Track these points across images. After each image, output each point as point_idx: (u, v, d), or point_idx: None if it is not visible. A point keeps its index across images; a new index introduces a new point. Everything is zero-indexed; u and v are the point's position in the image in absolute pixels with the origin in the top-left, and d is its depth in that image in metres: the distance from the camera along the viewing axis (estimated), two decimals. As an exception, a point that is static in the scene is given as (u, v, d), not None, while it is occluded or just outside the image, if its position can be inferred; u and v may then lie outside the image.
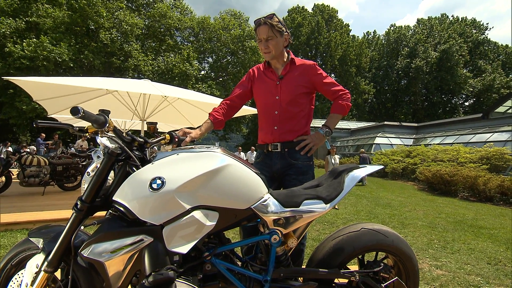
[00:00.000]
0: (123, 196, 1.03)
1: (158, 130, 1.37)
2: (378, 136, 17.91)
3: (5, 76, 4.18)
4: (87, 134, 1.08)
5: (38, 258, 1.17)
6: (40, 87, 4.67)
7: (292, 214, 1.21)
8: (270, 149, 1.72)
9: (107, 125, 1.02)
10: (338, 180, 1.34)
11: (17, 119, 17.17)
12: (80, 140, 10.15)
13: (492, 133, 12.25)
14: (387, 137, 17.90)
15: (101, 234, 1.01)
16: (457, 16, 37.82)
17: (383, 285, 1.32)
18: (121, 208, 1.02)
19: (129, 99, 5.55)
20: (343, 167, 1.42)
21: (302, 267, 1.49)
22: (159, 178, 1.02)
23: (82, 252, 1.01)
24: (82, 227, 1.15)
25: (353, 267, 1.46)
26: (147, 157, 1.20)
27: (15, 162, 5.62)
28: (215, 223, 1.09)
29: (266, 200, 1.20)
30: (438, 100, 34.20)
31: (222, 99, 1.90)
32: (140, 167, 1.10)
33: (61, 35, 18.24)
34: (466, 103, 36.06)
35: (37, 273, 1.14)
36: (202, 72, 30.07)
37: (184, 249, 1.01)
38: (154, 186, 1.01)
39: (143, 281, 0.94)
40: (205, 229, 1.06)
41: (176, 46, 27.16)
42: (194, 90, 16.89)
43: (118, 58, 21.95)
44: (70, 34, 19.07)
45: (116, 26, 21.42)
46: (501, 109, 15.11)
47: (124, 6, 22.44)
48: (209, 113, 1.71)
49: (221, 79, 30.10)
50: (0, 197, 5.24)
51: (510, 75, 34.20)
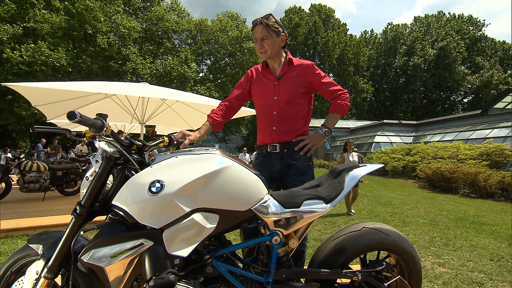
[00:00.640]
0: (122, 200, 1.02)
1: (157, 133, 1.37)
2: (378, 135, 17.91)
3: (3, 82, 4.17)
4: (85, 139, 1.07)
5: (38, 265, 1.16)
6: (39, 93, 4.66)
7: (293, 215, 1.20)
8: (269, 150, 1.71)
9: (105, 129, 1.01)
10: (338, 180, 1.33)
11: (16, 125, 17.17)
12: (80, 145, 10.14)
13: (492, 129, 12.25)
14: (387, 136, 17.90)
15: (101, 239, 1.00)
16: (454, 13, 37.92)
17: (386, 284, 1.31)
18: (121, 212, 1.01)
19: (128, 103, 5.54)
20: (343, 167, 1.41)
21: (304, 268, 1.48)
22: (158, 181, 1.02)
23: (82, 258, 1.00)
24: (82, 232, 1.14)
25: (355, 267, 1.45)
26: (146, 161, 1.20)
27: (15, 168, 5.61)
28: (216, 226, 1.08)
29: (266, 201, 1.19)
30: (437, 98, 34.25)
31: (221, 101, 1.89)
32: (139, 171, 1.09)
33: (59, 40, 18.25)
34: (465, 100, 36.13)
35: (37, 280, 1.13)
36: (201, 74, 30.10)
37: (185, 253, 1.01)
38: (153, 190, 1.00)
39: (144, 286, 0.93)
40: (206, 232, 1.05)
41: (174, 49, 27.20)
42: (193, 93, 16.90)
43: (116, 62, 21.97)
44: (68, 39, 19.09)
45: (114, 30, 21.44)
46: (500, 105, 15.13)
47: (121, 10, 22.45)
48: (208, 115, 1.71)
49: (220, 81, 30.14)
50: (0, 203, 5.22)
51: (508, 71, 34.29)
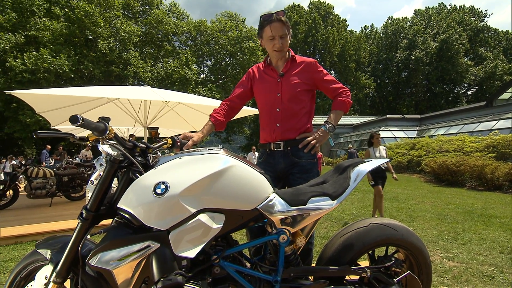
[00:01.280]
0: (128, 203, 1.02)
1: (161, 136, 1.36)
2: (381, 130, 17.79)
3: (7, 91, 4.21)
4: (88, 142, 1.07)
5: (47, 270, 1.17)
6: (42, 99, 4.71)
7: (299, 213, 1.19)
8: (273, 148, 1.70)
9: (108, 132, 1.01)
10: (344, 176, 1.32)
11: (22, 133, 17.34)
12: (85, 150, 10.22)
13: (497, 121, 12.11)
14: (390, 131, 17.79)
15: (108, 242, 1.00)
16: (455, 5, 37.47)
17: (396, 280, 1.30)
18: (126, 215, 1.01)
19: (131, 107, 5.57)
20: (348, 162, 1.40)
21: (312, 266, 1.47)
22: (163, 183, 1.01)
23: (90, 261, 1.00)
24: (89, 236, 1.15)
25: (364, 263, 1.44)
26: (150, 163, 1.20)
27: (22, 175, 5.67)
28: (222, 226, 1.07)
29: (272, 200, 1.18)
30: (440, 91, 33.92)
31: (222, 100, 1.89)
32: (143, 173, 1.09)
33: (60, 47, 18.39)
34: (469, 92, 35.73)
35: (46, 285, 1.13)
36: (202, 76, 30.14)
37: (192, 254, 1.00)
38: (158, 191, 1.00)
39: (152, 288, 0.93)
40: (212, 232, 1.05)
41: (175, 51, 27.25)
42: (195, 94, 16.95)
43: (118, 67, 22.08)
44: (69, 45, 19.23)
45: (114, 35, 21.55)
46: (505, 96, 14.93)
47: (121, 15, 22.55)
48: (210, 115, 1.71)
49: (221, 82, 30.13)
50: (9, 210, 5.29)
51: (512, 61, 33.82)
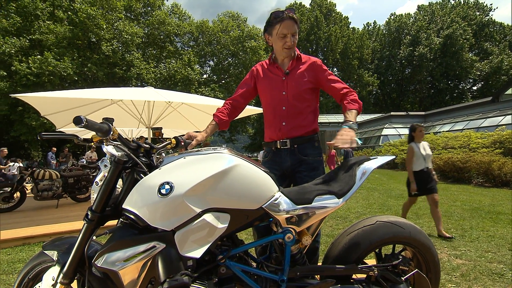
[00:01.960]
0: (133, 204, 1.02)
1: (165, 137, 1.36)
2: (386, 127, 17.67)
3: (13, 94, 4.26)
4: (92, 144, 1.07)
5: (54, 270, 1.18)
6: (47, 102, 4.75)
7: (305, 211, 1.19)
8: (279, 146, 1.69)
9: (111, 133, 1.01)
10: (350, 174, 1.31)
11: (28, 135, 17.56)
12: (89, 152, 10.30)
13: (504, 116, 11.93)
14: (395, 128, 17.65)
15: (113, 243, 1.00)
16: None
17: (403, 278, 1.28)
18: (131, 216, 1.01)
19: (134, 108, 5.59)
20: (354, 160, 1.39)
21: (318, 265, 1.46)
22: (168, 183, 1.01)
23: (96, 262, 1.01)
24: (95, 237, 1.15)
25: (371, 262, 1.42)
26: (154, 163, 1.20)
27: (29, 177, 5.74)
28: (227, 225, 1.07)
29: (278, 199, 1.18)
30: (445, 87, 33.56)
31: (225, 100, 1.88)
32: (148, 173, 1.09)
33: (64, 50, 18.57)
34: (474, 88, 35.29)
35: (54, 285, 1.14)
36: (204, 76, 30.21)
37: (198, 254, 1.00)
38: (163, 192, 0.99)
39: (158, 288, 0.93)
40: (217, 232, 1.05)
41: (177, 52, 27.35)
42: (198, 94, 16.98)
43: (121, 68, 22.22)
44: (73, 48, 19.41)
45: (117, 37, 21.68)
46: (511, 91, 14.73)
47: (123, 17, 22.68)
48: (214, 114, 1.71)
49: (224, 81, 30.17)
50: (17, 212, 5.35)
51: (518, 56, 33.32)
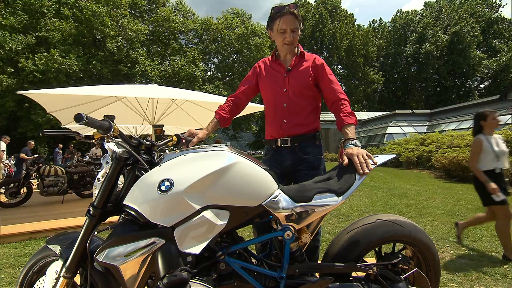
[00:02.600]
0: (133, 200, 1.03)
1: (168, 133, 1.38)
2: (390, 126, 17.52)
3: (19, 91, 4.31)
4: (94, 140, 1.09)
5: (57, 265, 1.20)
6: (53, 99, 4.80)
7: (304, 209, 1.19)
8: (280, 144, 1.68)
9: (112, 130, 1.02)
10: (350, 172, 1.31)
11: (34, 132, 17.77)
12: (94, 148, 10.39)
13: None
14: (400, 126, 17.49)
15: (114, 239, 1.02)
16: (467, -4, 36.41)
17: (403, 277, 1.28)
18: (132, 212, 1.03)
19: (138, 105, 5.63)
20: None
21: (318, 262, 1.46)
22: (167, 180, 1.02)
23: (97, 257, 1.02)
24: (96, 233, 1.17)
25: (371, 260, 1.42)
26: (155, 160, 1.21)
27: (35, 173, 5.83)
28: (226, 222, 1.08)
29: (277, 196, 1.18)
30: (451, 85, 33.13)
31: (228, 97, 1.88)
32: (149, 170, 1.10)
33: (69, 47, 18.72)
34: (482, 86, 34.78)
35: (57, 279, 1.17)
36: (209, 73, 30.21)
37: (197, 250, 1.01)
38: (163, 188, 1.01)
39: (158, 283, 0.94)
40: (217, 229, 1.06)
41: (181, 49, 27.37)
42: (202, 91, 17.01)
43: (126, 65, 22.33)
44: (78, 45, 19.55)
45: (121, 34, 21.76)
46: (520, 89, 14.50)
47: (128, 14, 22.74)
48: (215, 111, 1.71)
49: (228, 79, 30.15)
50: (23, 207, 5.45)
51: (528, 53, 32.69)
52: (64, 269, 1.14)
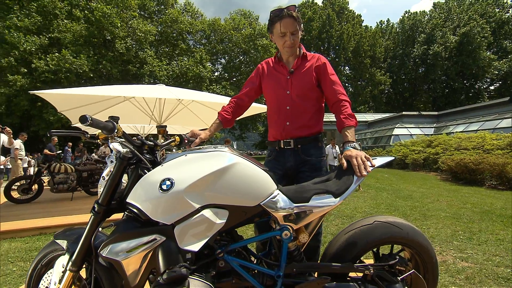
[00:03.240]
0: (136, 198, 1.07)
1: (175, 133, 1.42)
2: (397, 127, 17.33)
3: (32, 90, 4.43)
4: (98, 141, 1.14)
5: (64, 259, 1.25)
6: (63, 99, 4.92)
7: (302, 209, 1.21)
8: (283, 146, 1.68)
9: (116, 131, 1.06)
10: (348, 174, 1.33)
11: (46, 130, 18.17)
12: (103, 147, 10.55)
13: (522, 117, 11.53)
14: (406, 128, 17.29)
15: (117, 235, 1.06)
16: (478, -4, 35.72)
17: (399, 278, 1.30)
18: (135, 210, 1.07)
19: (146, 105, 5.72)
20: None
21: (315, 262, 1.49)
22: (168, 179, 1.06)
23: (101, 252, 1.07)
24: (101, 229, 1.22)
25: (369, 261, 1.44)
26: (158, 160, 1.25)
27: (46, 171, 5.99)
28: (225, 221, 1.11)
29: (275, 197, 1.21)
30: (460, 86, 32.54)
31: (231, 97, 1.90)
32: (151, 170, 1.15)
33: (80, 48, 19.10)
34: (491, 87, 34.09)
35: (64, 272, 1.22)
36: (216, 74, 30.38)
37: (196, 247, 1.05)
38: (164, 187, 1.04)
39: (158, 279, 0.98)
40: (216, 227, 1.09)
41: (189, 50, 27.60)
42: (209, 92, 17.11)
43: (134, 66, 22.63)
44: (89, 46, 19.93)
45: (131, 35, 22.08)
46: (531, 91, 14.17)
47: (137, 15, 23.06)
48: (218, 112, 1.72)
49: (235, 79, 30.25)
50: (35, 203, 5.60)
51: (540, 54, 31.91)
52: (71, 263, 1.19)
